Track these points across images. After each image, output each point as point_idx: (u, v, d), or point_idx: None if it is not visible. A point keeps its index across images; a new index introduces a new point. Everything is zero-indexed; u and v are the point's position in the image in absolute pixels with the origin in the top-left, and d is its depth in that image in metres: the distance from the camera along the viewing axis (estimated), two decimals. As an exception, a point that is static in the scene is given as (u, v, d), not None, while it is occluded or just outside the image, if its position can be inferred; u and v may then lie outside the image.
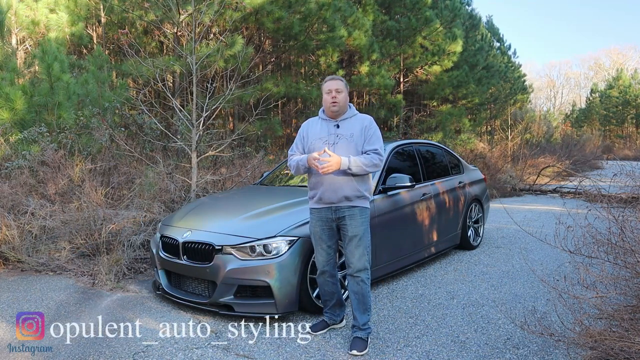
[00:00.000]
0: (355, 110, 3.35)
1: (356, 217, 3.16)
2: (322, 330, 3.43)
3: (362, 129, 3.21)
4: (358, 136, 3.19)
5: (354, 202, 3.16)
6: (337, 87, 3.22)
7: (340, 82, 3.26)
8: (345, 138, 3.18)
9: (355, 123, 3.24)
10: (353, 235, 3.16)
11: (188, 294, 3.86)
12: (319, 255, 3.31)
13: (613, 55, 55.68)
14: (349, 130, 3.21)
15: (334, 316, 3.48)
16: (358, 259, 3.17)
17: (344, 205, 3.16)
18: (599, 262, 3.00)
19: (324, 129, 3.26)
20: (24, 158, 6.20)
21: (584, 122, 41.08)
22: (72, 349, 3.16)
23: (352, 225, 3.16)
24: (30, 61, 8.89)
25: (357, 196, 3.16)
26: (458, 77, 16.48)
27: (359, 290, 3.20)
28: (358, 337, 3.18)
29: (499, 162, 13.92)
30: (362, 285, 3.19)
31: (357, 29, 12.36)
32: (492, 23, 25.68)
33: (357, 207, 3.17)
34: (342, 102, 3.22)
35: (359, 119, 3.27)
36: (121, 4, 10.26)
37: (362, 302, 3.21)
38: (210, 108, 6.27)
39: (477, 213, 6.18)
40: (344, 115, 3.26)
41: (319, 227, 3.25)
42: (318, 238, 3.28)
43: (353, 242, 3.17)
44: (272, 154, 11.53)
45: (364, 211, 3.21)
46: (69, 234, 5.17)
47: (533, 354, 3.09)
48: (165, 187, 6.43)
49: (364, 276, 3.19)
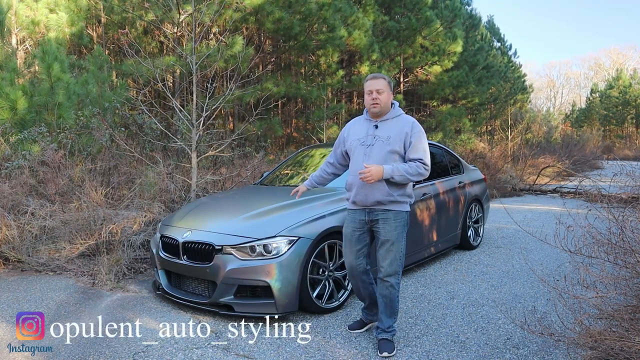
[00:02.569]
0: (399, 110, 3.19)
1: (390, 221, 3.07)
2: (358, 329, 3.40)
3: (401, 132, 3.05)
4: (395, 139, 3.04)
5: (387, 206, 3.07)
6: (378, 87, 3.07)
7: (382, 80, 3.10)
8: (382, 140, 3.06)
9: (395, 125, 3.10)
10: (385, 239, 3.07)
11: (188, 294, 3.86)
12: (346, 256, 3.26)
13: (613, 55, 55.72)
14: (387, 132, 3.08)
15: (370, 315, 3.41)
16: (389, 264, 3.08)
17: (378, 209, 3.08)
18: (599, 262, 3.00)
19: (364, 129, 3.16)
20: (23, 158, 6.20)
21: (584, 122, 41.07)
22: (72, 349, 3.16)
23: (385, 230, 3.07)
24: (30, 61, 8.89)
25: (391, 201, 3.05)
26: (458, 77, 16.49)
27: (387, 295, 3.12)
28: (385, 339, 3.12)
29: (499, 162, 13.92)
30: (390, 290, 3.10)
31: (357, 29, 12.36)
32: (493, 23, 25.71)
33: (392, 211, 3.08)
34: (383, 102, 3.09)
35: (400, 121, 3.12)
36: (121, 4, 10.26)
37: (390, 305, 3.14)
38: (210, 108, 6.27)
39: (477, 213, 6.18)
40: (386, 115, 3.13)
41: (351, 229, 3.19)
42: (348, 240, 3.22)
43: (385, 246, 3.08)
44: (272, 154, 11.54)
45: (399, 215, 3.10)
46: (69, 234, 5.17)
47: (533, 354, 3.09)
48: (165, 187, 6.43)
49: (394, 281, 3.10)
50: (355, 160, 3.14)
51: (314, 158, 5.45)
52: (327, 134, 11.93)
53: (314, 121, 12.51)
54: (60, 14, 9.23)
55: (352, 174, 3.14)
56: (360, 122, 3.26)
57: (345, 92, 15.41)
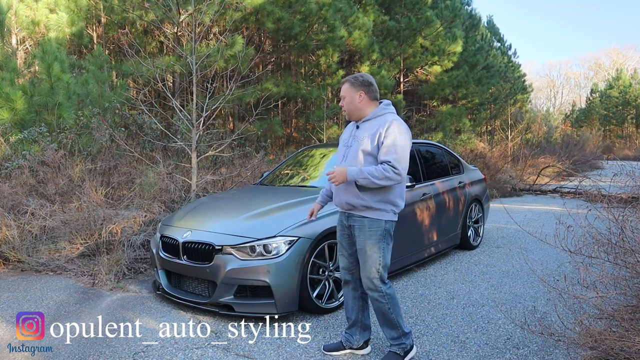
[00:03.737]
0: (384, 109, 2.98)
1: (364, 229, 2.86)
2: (335, 351, 3.10)
3: (375, 132, 2.85)
4: (368, 139, 2.87)
5: (363, 212, 2.87)
6: (342, 93, 3.02)
7: (345, 85, 3.02)
8: (358, 141, 2.93)
9: (373, 124, 2.92)
10: (360, 247, 2.90)
11: (188, 294, 3.86)
12: (340, 261, 3.12)
13: (613, 55, 55.72)
14: (364, 132, 2.93)
15: (350, 338, 3.10)
16: (365, 275, 2.89)
17: (355, 214, 2.91)
18: (599, 262, 3.00)
19: (349, 131, 3.09)
20: (23, 158, 6.21)
21: (584, 122, 41.07)
22: (72, 349, 3.16)
23: (360, 237, 2.89)
24: (30, 61, 8.89)
25: (365, 206, 2.85)
26: (458, 77, 16.49)
27: (376, 308, 2.95)
28: (391, 352, 2.97)
29: (499, 162, 13.92)
30: (377, 303, 2.92)
31: (357, 29, 12.36)
32: (493, 23, 25.70)
33: (367, 219, 2.86)
34: (348, 107, 2.99)
35: (378, 121, 2.92)
36: (121, 4, 10.26)
37: (384, 318, 2.95)
38: (210, 108, 6.27)
39: (477, 213, 6.18)
40: (368, 115, 2.98)
41: (339, 232, 3.07)
42: (339, 243, 3.10)
43: (360, 255, 2.91)
44: (272, 154, 11.54)
45: (375, 223, 2.85)
46: (69, 234, 5.17)
47: (533, 354, 3.09)
48: (165, 187, 6.43)
49: (376, 295, 2.89)
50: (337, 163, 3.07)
51: (314, 158, 5.45)
52: (327, 134, 11.94)
53: (314, 121, 12.51)
54: (61, 14, 9.23)
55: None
56: (350, 124, 3.15)
57: (345, 92, 15.38)
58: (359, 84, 2.98)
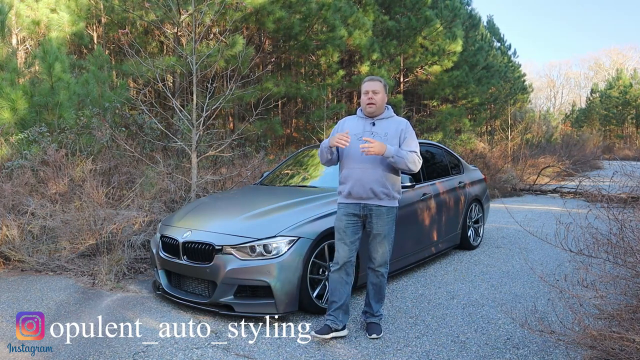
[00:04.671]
0: (392, 112, 3.43)
1: (383, 216, 3.25)
2: (325, 334, 3.26)
3: (397, 131, 3.30)
4: (392, 136, 3.28)
5: (382, 202, 3.24)
6: (374, 88, 3.30)
7: (378, 83, 3.33)
8: (380, 136, 3.26)
9: (391, 124, 3.34)
10: (378, 233, 3.26)
11: (188, 294, 3.86)
12: (340, 249, 3.30)
13: (613, 55, 55.69)
14: (383, 129, 3.30)
15: (337, 321, 3.30)
16: (381, 255, 3.31)
17: (372, 204, 3.24)
18: (599, 262, 3.00)
19: (360, 126, 3.35)
20: (24, 158, 6.21)
21: (584, 122, 41.06)
22: (72, 349, 3.16)
23: (378, 224, 3.25)
24: (31, 61, 8.89)
25: (385, 194, 3.23)
26: (458, 77, 16.48)
27: (377, 282, 3.38)
28: (374, 323, 3.39)
29: (499, 162, 13.92)
30: (381, 278, 3.38)
31: (357, 29, 12.36)
32: (493, 23, 25.69)
33: (385, 207, 3.25)
34: (379, 103, 3.31)
35: (395, 121, 3.37)
36: (122, 4, 10.27)
37: (379, 292, 3.41)
38: (210, 108, 6.27)
39: (477, 213, 6.18)
40: (380, 115, 3.36)
41: (344, 222, 3.29)
42: (342, 232, 3.29)
43: (377, 239, 3.28)
44: (272, 154, 11.53)
45: (391, 211, 3.29)
46: (69, 234, 5.17)
47: (533, 354, 3.10)
48: (166, 187, 6.43)
49: (384, 270, 3.37)
50: (354, 153, 3.27)
51: (314, 158, 5.45)
52: (327, 134, 11.91)
53: (314, 121, 12.50)
54: (62, 14, 9.23)
55: (348, 167, 3.30)
56: (355, 120, 3.44)
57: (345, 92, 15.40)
58: (386, 87, 3.38)
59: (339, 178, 3.39)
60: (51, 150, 6.18)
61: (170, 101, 7.53)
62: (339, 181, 3.40)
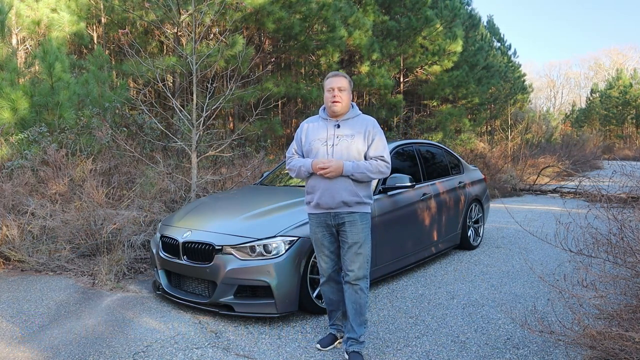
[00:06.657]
0: (358, 111, 3.14)
1: (356, 223, 2.97)
2: (331, 345, 3.17)
3: (364, 132, 3.01)
4: (359, 138, 2.99)
5: (353, 208, 2.97)
6: (339, 85, 3.00)
7: (343, 79, 3.03)
8: (346, 139, 2.98)
9: (357, 124, 3.04)
10: (353, 242, 2.97)
11: (188, 294, 3.86)
12: (322, 262, 3.12)
13: (613, 55, 55.70)
14: (349, 130, 3.01)
15: (341, 328, 3.23)
16: (358, 267, 2.98)
17: (344, 211, 2.97)
18: (599, 262, 3.01)
19: (323, 129, 3.05)
20: (24, 158, 6.21)
21: (584, 122, 41.06)
22: (72, 349, 3.16)
23: (352, 232, 2.97)
24: (31, 61, 8.89)
25: (357, 202, 2.97)
26: (458, 77, 16.48)
27: (356, 300, 3.01)
28: (356, 352, 2.98)
29: (499, 162, 13.92)
30: (360, 294, 3.01)
31: (357, 29, 12.37)
32: (493, 23, 25.69)
33: (357, 213, 2.98)
34: (345, 101, 3.02)
35: (361, 120, 3.07)
36: (122, 4, 10.27)
37: (360, 312, 3.02)
38: (210, 108, 6.27)
39: (477, 213, 6.18)
40: (345, 115, 3.06)
41: (320, 233, 3.06)
42: (320, 244, 3.09)
43: (353, 249, 2.98)
44: (272, 154, 11.54)
45: (364, 217, 3.01)
46: (69, 234, 5.17)
47: (533, 354, 3.10)
48: (166, 187, 6.43)
49: (363, 285, 3.01)
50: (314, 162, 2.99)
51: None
52: (327, 134, 11.91)
53: (314, 121, 12.49)
54: (62, 14, 9.23)
55: (313, 176, 3.00)
56: (318, 122, 3.13)
57: (345, 92, 15.39)
58: (351, 84, 3.12)
59: (305, 187, 3.11)
60: (51, 150, 6.18)
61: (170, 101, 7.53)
62: (305, 190, 3.13)
